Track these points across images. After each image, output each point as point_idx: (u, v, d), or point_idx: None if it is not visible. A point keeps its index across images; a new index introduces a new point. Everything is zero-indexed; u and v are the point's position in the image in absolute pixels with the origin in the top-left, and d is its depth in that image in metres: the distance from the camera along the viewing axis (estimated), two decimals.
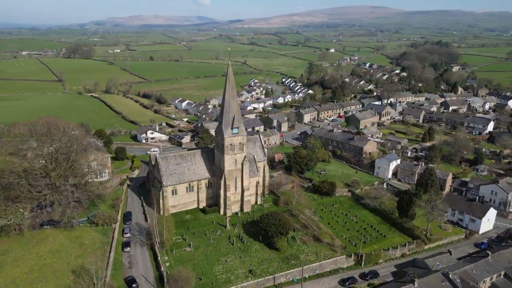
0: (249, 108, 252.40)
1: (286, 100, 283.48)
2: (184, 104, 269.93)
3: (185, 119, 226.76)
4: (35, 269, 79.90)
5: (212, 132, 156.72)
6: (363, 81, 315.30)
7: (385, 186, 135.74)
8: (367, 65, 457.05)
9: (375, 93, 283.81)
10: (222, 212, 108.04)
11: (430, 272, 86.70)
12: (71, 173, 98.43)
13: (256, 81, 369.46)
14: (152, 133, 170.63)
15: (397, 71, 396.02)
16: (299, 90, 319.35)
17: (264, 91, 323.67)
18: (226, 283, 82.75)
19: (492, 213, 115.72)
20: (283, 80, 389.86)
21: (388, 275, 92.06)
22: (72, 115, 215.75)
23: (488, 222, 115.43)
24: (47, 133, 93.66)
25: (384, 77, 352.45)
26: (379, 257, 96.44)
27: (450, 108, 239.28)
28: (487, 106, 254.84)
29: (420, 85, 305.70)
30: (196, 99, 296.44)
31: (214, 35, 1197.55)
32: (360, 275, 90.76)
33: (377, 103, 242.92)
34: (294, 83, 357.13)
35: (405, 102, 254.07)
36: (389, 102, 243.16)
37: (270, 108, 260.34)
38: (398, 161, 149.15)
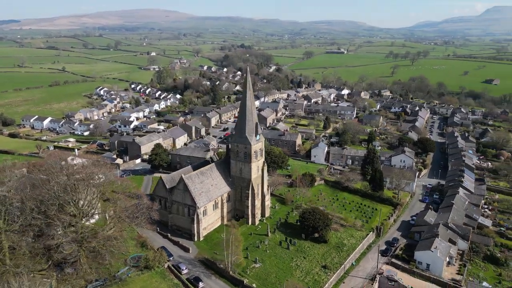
0: (131, 118, 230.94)
1: (163, 107, 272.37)
2: (46, 122, 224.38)
3: (71, 139, 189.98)
4: None
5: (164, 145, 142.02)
6: (227, 83, 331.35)
7: (332, 170, 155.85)
8: (205, 67, 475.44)
9: None
10: (250, 222, 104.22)
11: (434, 226, 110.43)
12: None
13: (105, 89, 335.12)
14: (73, 159, 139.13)
15: (239, 73, 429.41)
16: (163, 96, 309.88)
17: (123, 100, 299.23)
18: (317, 283, 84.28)
19: (416, 176, 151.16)
20: (133, 86, 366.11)
21: (401, 238, 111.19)
22: None
23: (415, 183, 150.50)
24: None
25: (236, 78, 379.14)
26: (387, 226, 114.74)
27: (312, 100, 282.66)
28: (332, 97, 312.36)
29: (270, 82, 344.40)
30: (44, 114, 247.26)
31: None
32: (387, 244, 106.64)
33: (257, 102, 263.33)
34: (150, 89, 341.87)
35: (278, 99, 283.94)
36: (271, 100, 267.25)
37: (154, 116, 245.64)
38: (326, 148, 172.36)
